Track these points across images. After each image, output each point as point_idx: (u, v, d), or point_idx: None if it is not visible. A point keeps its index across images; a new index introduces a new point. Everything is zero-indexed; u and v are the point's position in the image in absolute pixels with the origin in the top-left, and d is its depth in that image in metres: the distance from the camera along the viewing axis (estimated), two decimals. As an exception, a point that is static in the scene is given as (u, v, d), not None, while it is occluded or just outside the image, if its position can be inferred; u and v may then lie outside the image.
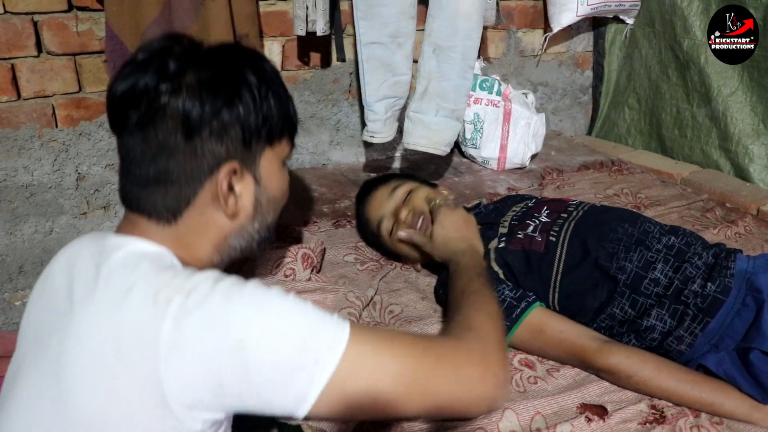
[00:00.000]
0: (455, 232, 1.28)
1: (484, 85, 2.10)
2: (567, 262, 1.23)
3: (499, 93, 2.10)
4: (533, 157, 2.22)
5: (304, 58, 2.01)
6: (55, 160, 1.73)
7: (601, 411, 1.06)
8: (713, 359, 1.07)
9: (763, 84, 2.06)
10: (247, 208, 0.86)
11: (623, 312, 1.15)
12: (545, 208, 1.38)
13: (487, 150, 2.13)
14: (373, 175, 2.05)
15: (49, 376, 0.74)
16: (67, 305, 0.76)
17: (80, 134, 1.75)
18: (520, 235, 1.31)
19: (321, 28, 1.70)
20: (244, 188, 0.85)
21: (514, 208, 1.44)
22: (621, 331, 1.16)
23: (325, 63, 2.05)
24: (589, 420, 1.03)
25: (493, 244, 1.34)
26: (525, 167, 2.18)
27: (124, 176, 0.83)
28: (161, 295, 0.70)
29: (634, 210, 1.73)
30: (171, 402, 0.68)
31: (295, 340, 0.70)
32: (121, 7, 1.50)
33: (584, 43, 2.59)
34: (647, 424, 1.02)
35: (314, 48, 2.00)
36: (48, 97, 1.68)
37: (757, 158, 2.13)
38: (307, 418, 0.73)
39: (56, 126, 1.72)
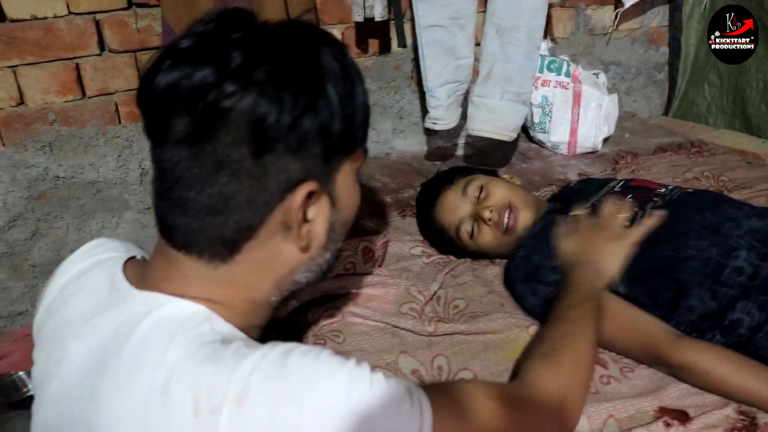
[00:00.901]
0: (590, 246, 1.16)
1: (552, 66, 2.00)
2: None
3: (568, 74, 2.00)
4: (606, 140, 2.11)
5: (363, 45, 1.97)
6: (119, 156, 1.76)
7: (681, 416, 0.95)
8: None
9: None
10: (320, 237, 0.70)
11: (703, 304, 1.05)
12: (630, 195, 1.29)
13: (556, 134, 2.03)
14: (438, 163, 1.99)
15: None
16: (88, 374, 0.64)
17: (143, 130, 1.75)
18: None
19: (379, 13, 1.65)
20: (319, 213, 0.68)
21: (599, 193, 1.35)
22: (703, 327, 1.06)
23: (386, 49, 2.00)
24: (668, 425, 0.93)
25: None
26: (597, 151, 2.07)
27: (163, 199, 0.65)
28: (203, 403, 0.55)
29: (728, 195, 1.61)
30: None
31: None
32: (176, 1, 1.50)
33: (659, 17, 2.44)
34: None
35: (374, 34, 1.95)
36: (111, 94, 1.71)
37: None
38: None
39: (119, 122, 1.74)
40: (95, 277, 0.73)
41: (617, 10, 2.29)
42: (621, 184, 1.38)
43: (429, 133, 2.13)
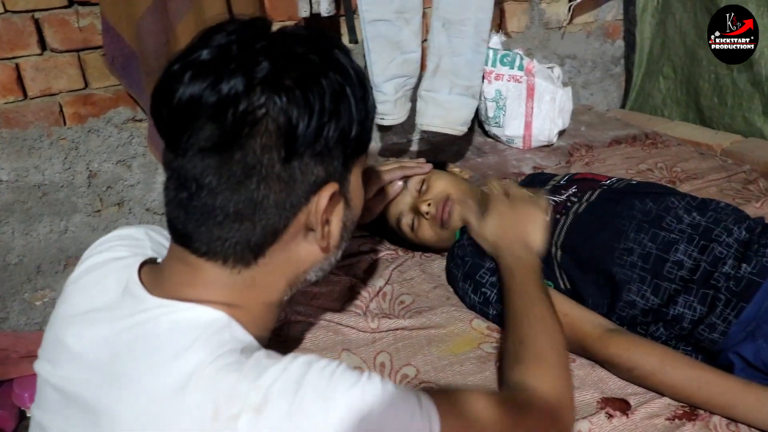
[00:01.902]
0: (510, 225, 1.15)
1: (505, 60, 2.00)
2: (567, 239, 1.14)
3: (521, 68, 2.00)
4: (561, 133, 2.12)
5: (314, 41, 1.94)
6: (65, 158, 1.72)
7: (623, 405, 0.95)
8: (750, 348, 0.96)
9: (809, 43, 1.92)
10: (336, 236, 0.73)
11: (645, 300, 1.05)
12: (575, 186, 1.29)
13: (511, 128, 2.03)
14: (392, 159, 1.98)
15: None
16: (103, 373, 0.64)
17: (89, 131, 1.73)
18: None
19: (325, 8, 1.64)
20: (335, 213, 0.72)
21: (546, 187, 1.35)
22: (646, 321, 1.06)
23: (337, 46, 1.98)
24: (610, 416, 0.93)
25: None
26: (552, 144, 2.07)
27: (181, 207, 0.65)
28: (223, 411, 0.56)
29: (666, 185, 1.62)
30: None
31: None
32: (115, -1, 1.48)
33: (614, 11, 2.46)
34: (676, 420, 0.92)
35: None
36: (54, 95, 1.67)
37: (805, 124, 1.98)
38: None
39: (64, 124, 1.71)
40: (109, 274, 0.74)
41: (571, 4, 2.30)
42: (566, 177, 1.38)
43: (382, 129, 2.12)
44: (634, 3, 2.41)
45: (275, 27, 0.68)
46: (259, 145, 0.61)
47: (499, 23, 2.25)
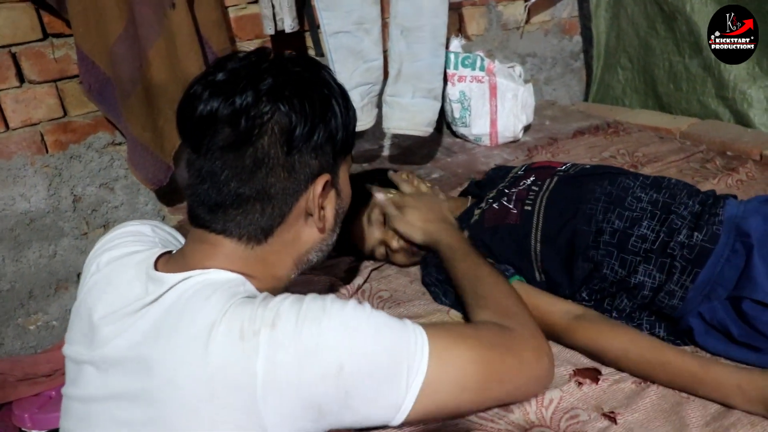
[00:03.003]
0: (427, 213, 1.27)
1: (466, 62, 2.08)
2: (545, 231, 1.19)
3: (482, 68, 2.08)
4: (527, 128, 2.20)
5: (281, 57, 2.02)
6: (49, 185, 1.78)
7: (593, 374, 1.01)
8: (706, 309, 1.03)
9: (752, 26, 2.02)
10: (330, 221, 0.88)
11: (614, 272, 1.11)
12: (533, 175, 1.36)
13: (477, 127, 2.12)
14: (365, 165, 2.05)
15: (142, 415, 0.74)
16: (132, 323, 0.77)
17: (71, 157, 1.79)
18: (495, 206, 1.29)
19: (289, 24, 1.71)
20: (329, 201, 0.87)
21: (506, 179, 1.41)
22: (612, 292, 1.12)
23: (304, 60, 2.05)
24: (580, 384, 0.98)
25: (473, 219, 1.31)
26: (519, 140, 2.16)
27: (203, 196, 0.80)
28: (247, 330, 0.70)
29: (625, 168, 1.69)
30: None
31: (387, 354, 0.73)
32: (87, 28, 1.54)
33: (569, 8, 2.56)
34: (642, 383, 0.97)
35: (290, 47, 2.01)
36: (35, 124, 1.73)
37: (756, 102, 2.07)
38: (401, 425, 0.77)
39: (47, 152, 1.76)
40: (128, 268, 0.85)
41: (526, 4, 2.39)
42: (524, 167, 1.45)
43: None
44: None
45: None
46: (266, 143, 0.77)
47: (458, 28, 2.33)
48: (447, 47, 2.09)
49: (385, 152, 2.18)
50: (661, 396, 0.94)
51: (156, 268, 0.83)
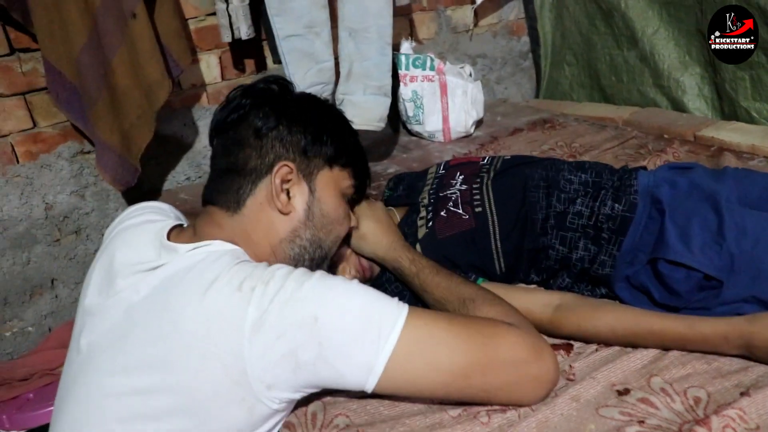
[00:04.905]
0: (384, 228, 1.21)
1: (417, 63, 2.19)
2: (502, 227, 1.21)
3: (432, 68, 2.19)
4: (478, 123, 2.30)
5: (240, 66, 2.13)
6: (21, 194, 1.85)
7: (567, 347, 1.06)
8: (631, 273, 1.12)
9: (680, 18, 2.16)
10: (299, 212, 0.99)
11: (556, 251, 1.18)
12: (458, 173, 1.36)
13: (430, 124, 2.22)
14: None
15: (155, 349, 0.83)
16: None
17: (41, 167, 1.86)
18: (443, 214, 1.26)
19: (245, 32, 1.81)
20: (298, 192, 0.99)
21: (426, 181, 1.41)
22: (556, 269, 1.19)
23: (262, 67, 2.17)
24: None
25: (421, 232, 1.26)
26: (471, 135, 2.26)
27: (209, 177, 1.03)
28: (245, 285, 0.81)
29: (558, 158, 1.72)
30: (252, 381, 0.79)
31: (361, 313, 0.81)
32: (53, 40, 1.62)
33: (515, 11, 2.69)
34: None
35: (249, 55, 2.12)
36: (5, 136, 1.80)
37: (689, 89, 2.22)
38: (376, 393, 0.84)
39: (18, 162, 1.83)
40: (146, 233, 0.97)
41: (473, 7, 2.52)
42: (442, 166, 1.45)
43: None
44: (532, 1, 2.64)
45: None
46: (243, 129, 0.97)
47: (410, 32, 2.45)
48: (398, 50, 2.22)
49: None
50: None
51: (168, 238, 0.94)
